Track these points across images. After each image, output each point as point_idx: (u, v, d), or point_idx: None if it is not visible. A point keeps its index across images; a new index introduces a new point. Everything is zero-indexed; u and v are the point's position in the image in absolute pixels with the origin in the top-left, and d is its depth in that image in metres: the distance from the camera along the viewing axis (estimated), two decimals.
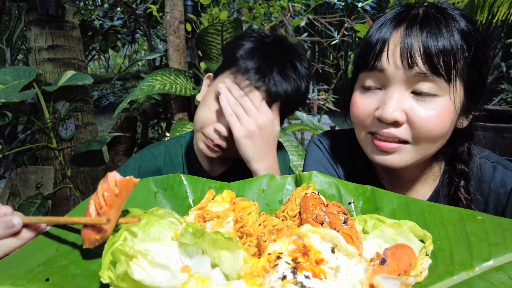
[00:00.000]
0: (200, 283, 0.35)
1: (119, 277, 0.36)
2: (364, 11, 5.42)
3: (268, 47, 0.81)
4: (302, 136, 3.14)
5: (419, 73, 0.58)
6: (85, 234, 0.43)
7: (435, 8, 0.62)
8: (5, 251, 0.45)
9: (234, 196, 0.57)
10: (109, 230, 0.43)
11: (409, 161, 0.64)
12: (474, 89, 0.62)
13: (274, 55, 0.79)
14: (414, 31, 0.58)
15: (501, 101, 4.40)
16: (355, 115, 0.68)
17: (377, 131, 0.64)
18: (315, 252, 0.39)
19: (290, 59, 0.81)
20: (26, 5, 2.26)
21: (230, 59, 0.81)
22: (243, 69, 0.77)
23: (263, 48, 0.80)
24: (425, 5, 0.63)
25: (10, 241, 0.45)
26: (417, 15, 0.61)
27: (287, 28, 2.59)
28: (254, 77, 0.76)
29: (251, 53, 0.79)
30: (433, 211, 0.50)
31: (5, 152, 2.16)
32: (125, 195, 0.45)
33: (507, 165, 0.69)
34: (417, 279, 0.39)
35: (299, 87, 0.81)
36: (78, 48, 2.43)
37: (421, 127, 0.60)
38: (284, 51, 0.82)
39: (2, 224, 0.44)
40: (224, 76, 0.81)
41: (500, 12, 3.36)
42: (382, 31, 0.62)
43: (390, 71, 0.61)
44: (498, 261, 0.40)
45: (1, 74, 2.04)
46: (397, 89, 0.61)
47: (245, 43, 0.81)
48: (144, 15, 2.86)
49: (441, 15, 0.60)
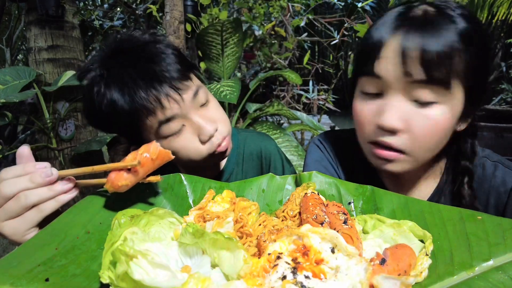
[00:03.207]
0: (200, 283, 0.35)
1: (119, 277, 0.36)
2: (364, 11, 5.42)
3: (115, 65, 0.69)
4: (302, 136, 3.14)
5: (418, 81, 0.57)
6: (113, 178, 0.49)
7: (436, 8, 0.60)
8: (43, 215, 0.50)
9: (234, 196, 0.57)
10: (135, 178, 0.50)
11: (408, 168, 0.64)
12: (474, 93, 0.61)
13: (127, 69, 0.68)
14: (412, 37, 0.56)
15: (501, 101, 4.40)
16: (356, 121, 0.67)
17: (376, 139, 0.63)
18: (315, 252, 0.39)
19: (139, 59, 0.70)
20: (26, 5, 2.26)
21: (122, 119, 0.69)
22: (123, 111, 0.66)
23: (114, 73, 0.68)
24: (425, 5, 0.61)
25: (49, 203, 0.50)
26: (416, 18, 0.59)
27: (287, 28, 2.59)
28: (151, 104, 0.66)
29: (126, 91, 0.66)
30: (433, 211, 0.50)
31: (5, 152, 2.16)
32: (158, 164, 0.52)
33: (508, 165, 0.69)
34: (417, 279, 0.39)
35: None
36: (78, 48, 2.43)
37: (419, 137, 0.59)
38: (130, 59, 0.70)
39: (42, 174, 0.49)
40: (148, 126, 0.71)
41: (500, 12, 3.36)
42: (381, 35, 0.60)
43: (389, 78, 0.59)
44: (498, 261, 0.40)
45: (1, 74, 2.04)
46: (396, 96, 0.59)
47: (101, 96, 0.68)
48: (144, 15, 2.86)
49: (441, 17, 0.58)
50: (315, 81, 3.04)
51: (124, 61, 0.69)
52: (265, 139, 0.98)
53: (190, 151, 0.74)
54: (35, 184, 0.49)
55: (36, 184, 0.49)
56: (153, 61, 0.69)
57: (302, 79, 2.16)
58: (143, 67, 0.68)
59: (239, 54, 2.09)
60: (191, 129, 0.73)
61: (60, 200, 0.50)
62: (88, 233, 0.48)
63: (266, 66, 2.75)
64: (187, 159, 0.75)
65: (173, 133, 0.72)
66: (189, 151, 0.74)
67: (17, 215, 0.49)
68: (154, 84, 0.67)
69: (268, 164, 0.95)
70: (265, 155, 0.94)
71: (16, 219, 0.49)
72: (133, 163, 0.49)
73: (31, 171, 0.49)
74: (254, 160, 0.94)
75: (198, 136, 0.73)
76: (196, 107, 0.74)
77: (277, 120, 2.94)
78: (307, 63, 2.62)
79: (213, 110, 0.77)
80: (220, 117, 0.78)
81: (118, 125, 0.73)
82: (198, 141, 0.73)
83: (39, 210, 0.50)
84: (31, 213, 0.49)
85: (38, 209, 0.50)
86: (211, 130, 0.72)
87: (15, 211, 0.49)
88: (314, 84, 3.00)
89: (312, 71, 2.97)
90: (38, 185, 0.49)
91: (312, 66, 2.91)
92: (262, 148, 0.95)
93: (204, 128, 0.72)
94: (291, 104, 2.87)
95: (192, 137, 0.73)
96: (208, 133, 0.72)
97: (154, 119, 0.69)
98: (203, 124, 0.72)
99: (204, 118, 0.73)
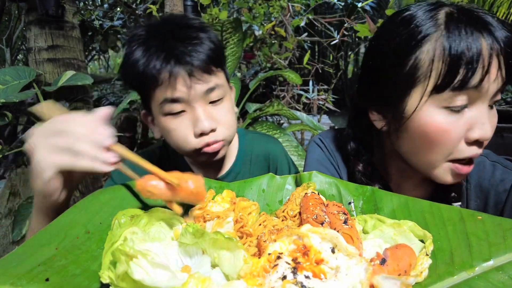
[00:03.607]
0: (200, 283, 0.35)
1: (119, 277, 0.36)
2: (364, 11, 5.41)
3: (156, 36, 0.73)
4: (302, 136, 3.13)
5: (504, 84, 0.55)
6: (146, 180, 0.49)
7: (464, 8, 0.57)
8: (74, 166, 0.50)
9: (234, 196, 0.57)
10: (163, 193, 0.49)
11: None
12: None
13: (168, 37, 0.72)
14: (494, 40, 0.53)
15: (501, 101, 4.41)
16: (444, 142, 0.58)
17: (470, 156, 0.59)
18: (315, 252, 0.39)
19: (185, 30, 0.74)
20: (26, 5, 2.26)
21: (138, 81, 0.73)
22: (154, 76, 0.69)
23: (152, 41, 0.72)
24: (455, 8, 0.57)
25: (86, 160, 0.49)
26: (478, 18, 0.55)
27: (287, 28, 2.59)
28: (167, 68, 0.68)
29: (147, 57, 0.70)
30: (433, 211, 0.50)
31: (5, 152, 2.16)
32: (191, 199, 0.52)
33: (507, 164, 0.70)
34: (417, 279, 0.39)
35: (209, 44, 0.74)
36: (78, 48, 2.43)
37: (488, 140, 0.59)
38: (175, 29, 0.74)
39: (104, 138, 0.50)
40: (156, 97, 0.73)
41: (500, 12, 3.36)
42: (468, 42, 0.53)
43: (487, 86, 0.54)
44: (498, 261, 0.40)
45: (1, 74, 2.04)
46: (484, 105, 0.57)
47: (133, 53, 0.72)
48: (144, 15, 2.86)
49: (486, 16, 0.56)
50: (315, 81, 3.04)
51: (162, 32, 0.73)
52: (272, 142, 0.98)
53: (179, 137, 0.74)
54: (91, 140, 0.50)
55: (91, 140, 0.50)
56: (183, 42, 0.71)
57: (302, 79, 2.16)
58: (172, 43, 0.70)
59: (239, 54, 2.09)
60: (190, 117, 0.73)
61: (95, 166, 0.50)
62: (88, 233, 0.48)
63: (266, 66, 2.75)
64: (175, 144, 0.76)
65: (172, 112, 0.72)
66: (178, 137, 0.74)
67: (55, 150, 0.50)
68: (171, 60, 0.68)
69: (275, 167, 0.95)
70: (272, 157, 0.94)
71: (50, 152, 0.50)
72: (173, 181, 0.48)
73: (97, 128, 0.51)
74: (261, 162, 0.94)
75: (193, 128, 0.73)
76: (205, 101, 0.74)
77: (277, 120, 2.94)
78: (307, 63, 2.62)
79: (221, 112, 0.76)
80: (225, 122, 0.76)
81: (136, 85, 0.77)
82: (192, 132, 0.73)
83: (74, 159, 0.50)
84: (66, 156, 0.50)
85: (73, 158, 0.50)
86: (206, 127, 0.72)
87: (58, 145, 0.50)
88: (314, 84, 3.00)
89: (312, 71, 2.97)
90: (93, 142, 0.50)
91: (312, 66, 2.91)
92: (270, 150, 0.95)
93: (200, 122, 0.72)
94: (291, 104, 2.87)
95: (187, 125, 0.73)
96: (202, 128, 0.72)
97: (161, 93, 0.71)
98: (202, 118, 0.72)
99: (206, 113, 0.73)
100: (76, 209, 0.51)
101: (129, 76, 0.76)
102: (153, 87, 0.71)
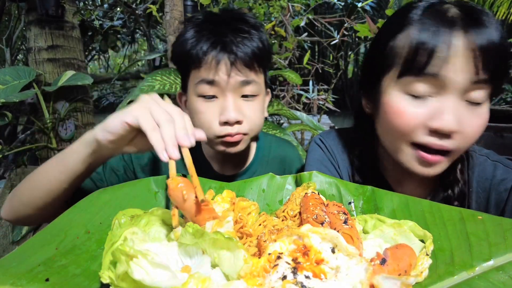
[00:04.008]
0: (200, 283, 0.35)
1: (119, 277, 0.36)
2: (364, 11, 5.42)
3: (209, 24, 0.78)
4: (302, 136, 3.13)
5: (479, 80, 0.55)
6: (177, 182, 0.47)
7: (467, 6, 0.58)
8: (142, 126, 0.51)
9: (234, 196, 0.57)
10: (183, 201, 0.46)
11: (444, 168, 0.63)
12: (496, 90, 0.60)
13: (220, 26, 0.77)
14: (475, 34, 0.54)
15: (500, 101, 4.41)
16: (398, 125, 0.61)
17: (427, 143, 0.59)
18: (315, 252, 0.39)
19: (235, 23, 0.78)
20: (26, 5, 2.26)
21: (183, 59, 0.78)
22: (201, 57, 0.73)
23: (205, 28, 0.77)
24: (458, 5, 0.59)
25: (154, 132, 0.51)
26: (465, 15, 0.57)
27: (287, 28, 2.59)
28: (214, 53, 0.73)
29: (197, 38, 0.75)
30: (434, 210, 0.50)
31: (5, 152, 2.16)
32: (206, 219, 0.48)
33: (508, 164, 0.70)
34: (418, 279, 0.39)
35: (260, 38, 0.78)
36: (78, 48, 2.43)
37: (469, 136, 0.58)
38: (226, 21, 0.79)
39: (185, 125, 0.52)
40: (194, 77, 0.77)
41: (500, 12, 3.36)
42: (435, 33, 0.56)
43: (449, 77, 0.56)
44: (499, 261, 0.40)
45: (1, 74, 2.04)
46: (452, 97, 0.57)
47: (186, 33, 0.77)
48: (143, 15, 2.86)
49: (482, 14, 0.57)
50: (315, 81, 3.04)
51: (217, 20, 0.78)
52: (289, 146, 1.00)
53: (205, 121, 0.76)
54: (179, 126, 0.51)
55: (179, 127, 0.51)
56: (234, 32, 0.75)
57: (302, 79, 2.16)
58: (223, 30, 0.75)
59: None
60: (219, 104, 0.75)
61: (159, 147, 0.50)
62: (88, 233, 0.48)
63: None
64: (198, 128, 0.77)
65: (205, 95, 0.75)
66: (204, 121, 0.76)
67: (146, 111, 0.52)
68: (218, 46, 0.73)
69: (290, 171, 0.96)
70: (288, 161, 0.96)
71: (142, 109, 0.52)
72: (201, 196, 0.47)
73: (183, 116, 0.53)
74: (277, 164, 0.96)
75: (219, 115, 0.75)
76: (238, 93, 0.76)
77: (277, 120, 2.94)
78: (307, 63, 2.62)
79: (251, 108, 0.78)
80: (252, 118, 0.78)
81: (180, 62, 0.81)
82: (218, 118, 0.75)
83: (151, 128, 0.51)
84: (149, 122, 0.51)
85: (152, 127, 0.51)
86: (232, 117, 0.74)
87: (150, 109, 0.52)
88: (314, 84, 3.00)
89: (312, 71, 2.97)
90: (172, 120, 0.51)
91: (312, 66, 2.91)
92: (286, 154, 0.97)
93: (228, 111, 0.74)
94: (291, 104, 2.87)
95: (215, 111, 0.75)
96: (228, 117, 0.74)
97: (200, 73, 0.74)
98: (230, 108, 0.74)
99: (235, 105, 0.75)
100: (76, 209, 0.51)
101: (177, 53, 0.80)
102: (194, 67, 0.75)
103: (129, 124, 0.53)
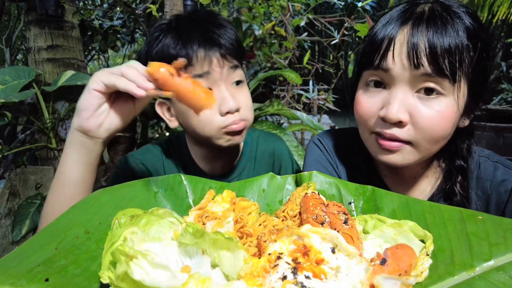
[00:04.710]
0: (200, 283, 0.35)
1: (119, 277, 0.36)
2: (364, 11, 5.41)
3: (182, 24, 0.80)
4: (302, 136, 3.13)
5: (424, 74, 0.58)
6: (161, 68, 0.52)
7: (441, 5, 0.61)
8: (115, 84, 0.55)
9: (234, 196, 0.57)
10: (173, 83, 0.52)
11: (412, 160, 0.64)
12: (477, 88, 0.62)
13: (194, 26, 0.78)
14: (420, 30, 0.58)
15: (501, 101, 4.40)
16: (359, 114, 0.68)
17: (381, 131, 0.64)
18: (315, 252, 0.39)
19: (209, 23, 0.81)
20: (26, 5, 2.26)
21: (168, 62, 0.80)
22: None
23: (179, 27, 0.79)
24: (430, 2, 0.63)
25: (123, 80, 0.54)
26: (423, 13, 0.60)
27: (287, 28, 2.59)
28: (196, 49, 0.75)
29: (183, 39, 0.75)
30: (434, 211, 0.50)
31: (4, 152, 2.16)
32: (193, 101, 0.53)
33: (508, 164, 0.70)
34: (418, 279, 0.39)
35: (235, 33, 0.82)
36: (78, 48, 2.43)
37: (425, 128, 0.60)
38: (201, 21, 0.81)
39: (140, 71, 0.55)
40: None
41: (500, 12, 3.36)
42: (388, 29, 0.61)
43: (395, 70, 0.60)
44: (499, 261, 0.40)
45: (0, 74, 2.03)
46: (401, 89, 0.61)
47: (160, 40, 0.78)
48: (143, 15, 2.85)
49: (447, 13, 0.59)
50: (315, 81, 3.04)
51: (192, 21, 0.80)
52: (277, 140, 1.00)
53: (205, 116, 0.76)
54: (136, 68, 0.55)
55: (136, 68, 0.55)
56: (214, 25, 0.78)
57: (302, 78, 2.16)
58: (204, 26, 0.78)
59: None
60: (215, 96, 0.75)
61: (131, 87, 0.53)
62: (88, 233, 0.48)
63: (266, 66, 2.75)
64: (197, 126, 0.78)
65: None
66: (204, 116, 0.76)
67: (104, 73, 0.56)
68: (208, 42, 0.75)
69: (279, 165, 0.96)
70: (277, 155, 0.96)
71: (101, 74, 0.56)
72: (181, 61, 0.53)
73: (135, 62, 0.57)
74: (266, 159, 0.96)
75: (219, 107, 0.76)
76: (229, 80, 0.78)
77: (277, 120, 2.94)
78: (307, 62, 2.62)
79: (242, 94, 0.80)
80: (246, 104, 0.81)
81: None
82: (217, 111, 0.76)
83: (116, 78, 0.55)
84: (112, 76, 0.55)
85: (116, 77, 0.55)
86: (233, 105, 0.75)
87: (108, 71, 0.56)
88: (314, 84, 3.00)
89: (312, 71, 2.97)
90: (136, 69, 0.55)
91: (312, 66, 2.91)
92: (275, 148, 0.97)
93: (227, 100, 0.75)
94: (291, 104, 2.87)
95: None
96: (229, 106, 0.75)
97: (189, 72, 0.74)
98: (228, 97, 0.76)
99: (231, 93, 0.77)
100: (75, 209, 0.51)
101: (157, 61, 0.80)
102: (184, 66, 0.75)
103: (97, 90, 0.56)
